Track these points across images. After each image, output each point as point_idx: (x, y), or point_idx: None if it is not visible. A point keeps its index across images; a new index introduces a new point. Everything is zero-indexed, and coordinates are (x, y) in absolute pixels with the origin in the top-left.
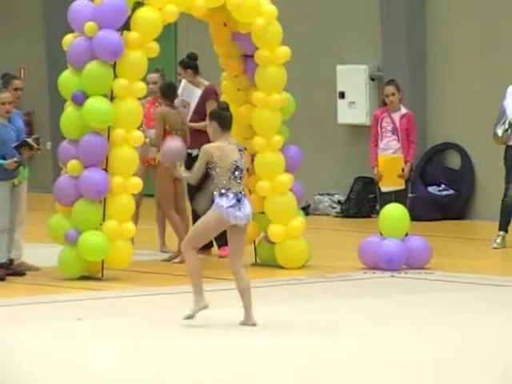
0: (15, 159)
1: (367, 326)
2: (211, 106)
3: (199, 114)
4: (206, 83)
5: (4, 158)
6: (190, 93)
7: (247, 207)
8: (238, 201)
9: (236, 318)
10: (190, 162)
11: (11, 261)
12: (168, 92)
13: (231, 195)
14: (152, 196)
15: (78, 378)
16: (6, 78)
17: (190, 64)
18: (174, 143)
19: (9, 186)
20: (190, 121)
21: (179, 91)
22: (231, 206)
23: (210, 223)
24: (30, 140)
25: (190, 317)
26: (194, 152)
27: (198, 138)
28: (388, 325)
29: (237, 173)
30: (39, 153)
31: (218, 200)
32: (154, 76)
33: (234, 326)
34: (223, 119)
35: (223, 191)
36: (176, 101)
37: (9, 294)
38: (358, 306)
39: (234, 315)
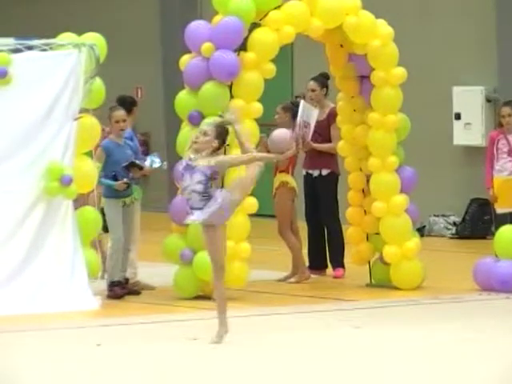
0: (125, 180)
1: (482, 349)
2: (336, 129)
3: (320, 134)
4: (332, 105)
5: (116, 178)
6: (308, 113)
7: None
8: None
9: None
10: (311, 181)
11: (127, 280)
12: None
13: None
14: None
15: None
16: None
17: (326, 83)
18: (281, 131)
19: (120, 205)
20: (312, 141)
21: (299, 111)
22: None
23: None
24: (137, 161)
25: None
26: (315, 173)
27: (319, 159)
28: (504, 347)
29: None
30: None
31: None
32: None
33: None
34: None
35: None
36: (298, 121)
37: (123, 312)
38: (473, 327)
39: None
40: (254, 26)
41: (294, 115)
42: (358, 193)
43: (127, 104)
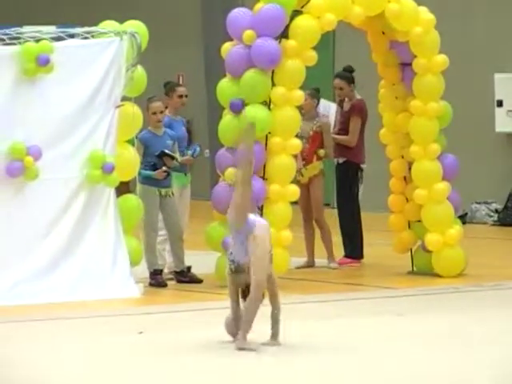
0: (164, 169)
1: None
2: (355, 122)
3: (342, 124)
4: (357, 98)
5: (155, 168)
6: (325, 105)
7: None
8: None
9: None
10: (336, 167)
11: (189, 268)
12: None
13: None
14: None
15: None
16: (169, 85)
17: (352, 79)
18: None
19: (156, 193)
20: (335, 133)
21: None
22: None
23: None
24: (167, 151)
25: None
26: (340, 160)
27: (338, 148)
28: None
29: None
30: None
31: None
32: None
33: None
34: None
35: None
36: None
37: (165, 300)
38: None
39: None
40: (296, 13)
41: (319, 102)
42: (399, 180)
43: (165, 90)
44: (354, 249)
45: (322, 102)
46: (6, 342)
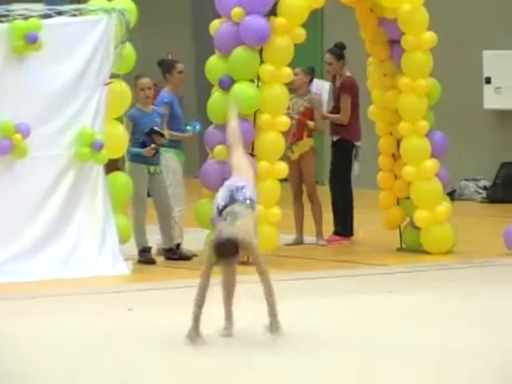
0: (153, 146)
1: None
2: (345, 99)
3: (335, 102)
4: (346, 75)
5: (144, 145)
6: (318, 84)
7: None
8: None
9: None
10: (331, 145)
11: (178, 245)
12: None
13: None
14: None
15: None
16: (168, 62)
17: (342, 55)
18: None
19: (145, 171)
20: (329, 111)
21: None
22: None
23: None
24: (156, 128)
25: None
26: (335, 138)
27: (332, 125)
28: None
29: None
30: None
31: None
32: None
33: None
34: None
35: None
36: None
37: (154, 277)
38: (504, 292)
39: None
40: None
41: (312, 79)
42: (388, 157)
43: (162, 70)
44: (343, 226)
45: (315, 81)
46: None
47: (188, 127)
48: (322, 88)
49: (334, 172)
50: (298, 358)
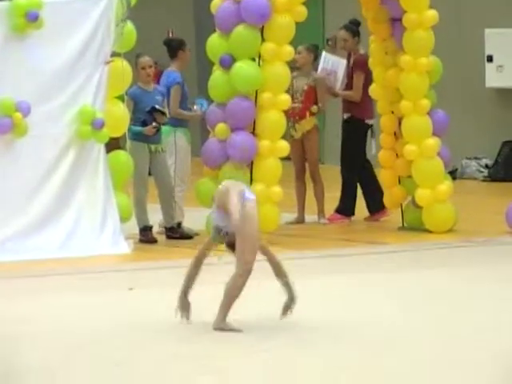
0: (154, 125)
1: None
2: (358, 77)
3: (348, 80)
4: (360, 53)
5: (145, 124)
6: (334, 62)
7: None
8: None
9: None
10: (342, 123)
11: (179, 224)
12: None
13: None
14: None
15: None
16: (178, 40)
17: (357, 31)
18: None
19: (146, 149)
20: (342, 88)
21: (320, 62)
22: None
23: None
24: (158, 106)
25: None
26: (345, 115)
27: (344, 103)
28: None
29: None
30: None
31: None
32: None
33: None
34: None
35: None
36: (319, 70)
37: (155, 257)
38: (505, 270)
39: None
40: None
41: (316, 57)
42: (389, 136)
43: (170, 48)
44: (345, 205)
45: (332, 58)
46: None
47: (195, 106)
48: (338, 65)
49: (343, 150)
50: (300, 337)
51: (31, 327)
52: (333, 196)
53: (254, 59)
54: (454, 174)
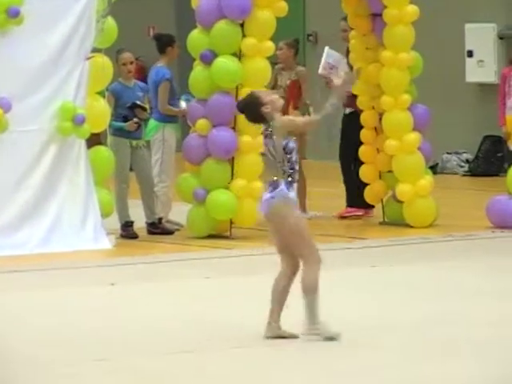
0: (135, 120)
1: (497, 286)
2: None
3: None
4: None
5: (126, 120)
6: (335, 58)
7: None
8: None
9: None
10: (343, 118)
11: (160, 219)
12: None
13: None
14: None
15: (201, 332)
16: (169, 37)
17: None
18: None
19: (127, 145)
20: None
21: (324, 55)
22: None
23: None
24: (139, 102)
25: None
26: (347, 110)
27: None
28: None
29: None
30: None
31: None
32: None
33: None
34: None
35: (290, 178)
36: (322, 63)
37: (137, 252)
38: (486, 264)
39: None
40: None
41: (297, 52)
42: (370, 131)
43: (160, 43)
44: (354, 198)
45: (335, 54)
46: None
47: (182, 103)
48: (340, 62)
49: (342, 144)
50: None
51: (16, 323)
52: (317, 191)
53: (234, 54)
54: (434, 168)
